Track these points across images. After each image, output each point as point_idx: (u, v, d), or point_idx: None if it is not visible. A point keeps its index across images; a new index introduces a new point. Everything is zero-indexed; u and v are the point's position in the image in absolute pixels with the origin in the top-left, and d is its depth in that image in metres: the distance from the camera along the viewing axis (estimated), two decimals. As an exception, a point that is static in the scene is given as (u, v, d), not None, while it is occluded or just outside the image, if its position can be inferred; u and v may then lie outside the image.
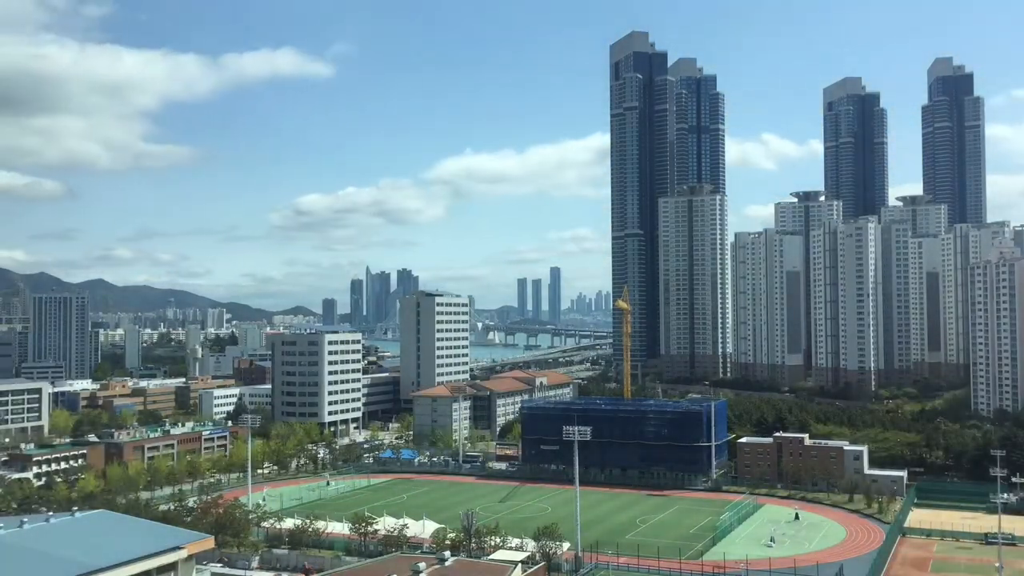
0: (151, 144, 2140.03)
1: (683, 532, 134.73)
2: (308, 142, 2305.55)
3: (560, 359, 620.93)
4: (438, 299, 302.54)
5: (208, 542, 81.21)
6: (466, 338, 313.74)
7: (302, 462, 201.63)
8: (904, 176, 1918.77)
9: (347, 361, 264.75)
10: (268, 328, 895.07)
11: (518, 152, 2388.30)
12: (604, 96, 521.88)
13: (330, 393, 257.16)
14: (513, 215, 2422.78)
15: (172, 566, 72.05)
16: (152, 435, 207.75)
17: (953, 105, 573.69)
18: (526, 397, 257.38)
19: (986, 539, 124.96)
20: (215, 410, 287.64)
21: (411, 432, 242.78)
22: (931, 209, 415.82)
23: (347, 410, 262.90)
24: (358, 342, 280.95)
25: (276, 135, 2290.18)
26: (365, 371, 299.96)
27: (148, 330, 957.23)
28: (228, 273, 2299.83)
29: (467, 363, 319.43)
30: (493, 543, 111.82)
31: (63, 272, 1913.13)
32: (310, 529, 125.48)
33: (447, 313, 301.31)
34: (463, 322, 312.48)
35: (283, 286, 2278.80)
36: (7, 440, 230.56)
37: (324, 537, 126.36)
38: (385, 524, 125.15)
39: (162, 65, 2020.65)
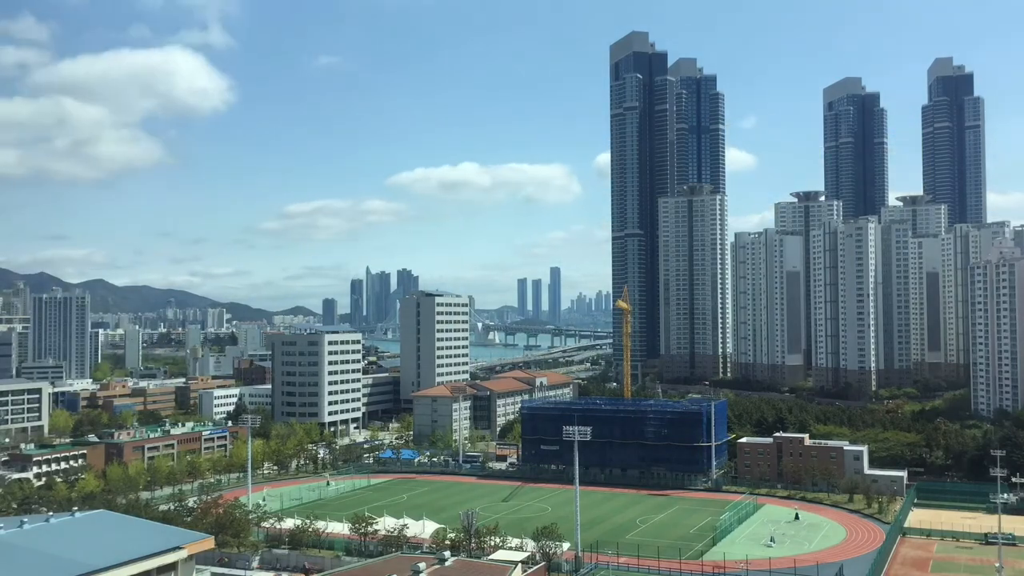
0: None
1: (683, 532, 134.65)
2: (308, 146, 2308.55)
3: (560, 359, 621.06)
4: (438, 299, 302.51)
5: (208, 542, 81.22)
6: (466, 338, 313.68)
7: (302, 462, 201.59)
8: (904, 176, 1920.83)
9: (347, 361, 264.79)
10: (268, 328, 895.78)
11: (518, 152, 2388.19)
12: (604, 96, 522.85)
13: (330, 393, 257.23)
14: (513, 215, 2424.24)
15: (172, 566, 72.12)
16: (152, 435, 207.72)
17: (953, 105, 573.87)
18: (526, 397, 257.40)
19: (986, 539, 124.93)
20: (215, 410, 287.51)
21: (411, 432, 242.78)
22: (931, 209, 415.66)
23: (347, 410, 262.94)
24: (358, 342, 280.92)
25: (277, 139, 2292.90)
26: (365, 371, 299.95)
27: (148, 330, 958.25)
28: (228, 274, 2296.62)
29: (467, 363, 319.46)
30: (493, 543, 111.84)
31: (63, 272, 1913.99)
32: (310, 529, 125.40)
33: (447, 313, 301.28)
34: (463, 322, 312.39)
35: (283, 287, 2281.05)
36: (7, 440, 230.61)
37: (324, 537, 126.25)
38: (385, 524, 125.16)
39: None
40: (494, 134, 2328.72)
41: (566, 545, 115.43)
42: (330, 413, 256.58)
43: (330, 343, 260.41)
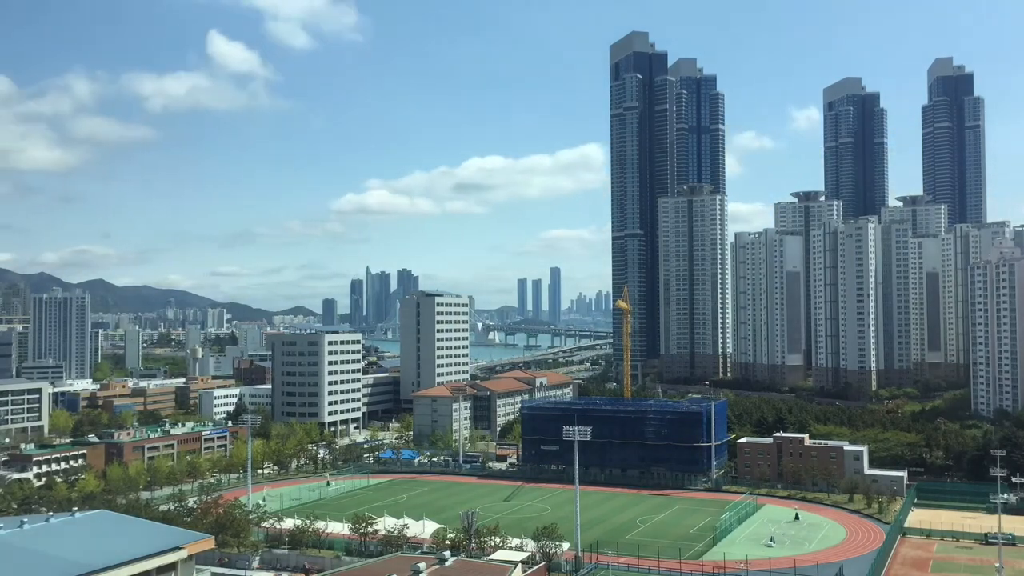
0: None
1: (683, 532, 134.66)
2: (306, 146, 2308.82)
3: (560, 359, 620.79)
4: (438, 299, 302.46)
5: (208, 542, 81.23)
6: (466, 338, 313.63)
7: (302, 462, 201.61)
8: (904, 176, 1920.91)
9: (347, 361, 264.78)
10: (268, 328, 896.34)
11: (518, 152, 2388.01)
12: (604, 96, 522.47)
13: (330, 393, 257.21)
14: (513, 215, 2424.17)
15: (172, 566, 72.14)
16: (152, 435, 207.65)
17: (953, 105, 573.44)
18: (526, 397, 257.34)
19: (986, 539, 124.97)
20: (215, 410, 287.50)
21: (411, 432, 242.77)
22: (931, 209, 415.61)
23: (347, 410, 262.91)
24: (358, 342, 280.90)
25: (274, 139, 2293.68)
26: (365, 371, 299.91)
27: (148, 330, 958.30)
28: (229, 274, 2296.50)
29: (467, 363, 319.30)
30: (493, 543, 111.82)
31: (63, 272, 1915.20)
32: (310, 529, 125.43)
33: (447, 313, 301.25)
34: (463, 322, 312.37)
35: (283, 287, 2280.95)
36: (7, 440, 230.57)
37: (324, 537, 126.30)
38: (385, 524, 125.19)
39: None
40: (492, 134, 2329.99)
41: (566, 545, 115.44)
42: (330, 413, 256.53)
43: (330, 343, 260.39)
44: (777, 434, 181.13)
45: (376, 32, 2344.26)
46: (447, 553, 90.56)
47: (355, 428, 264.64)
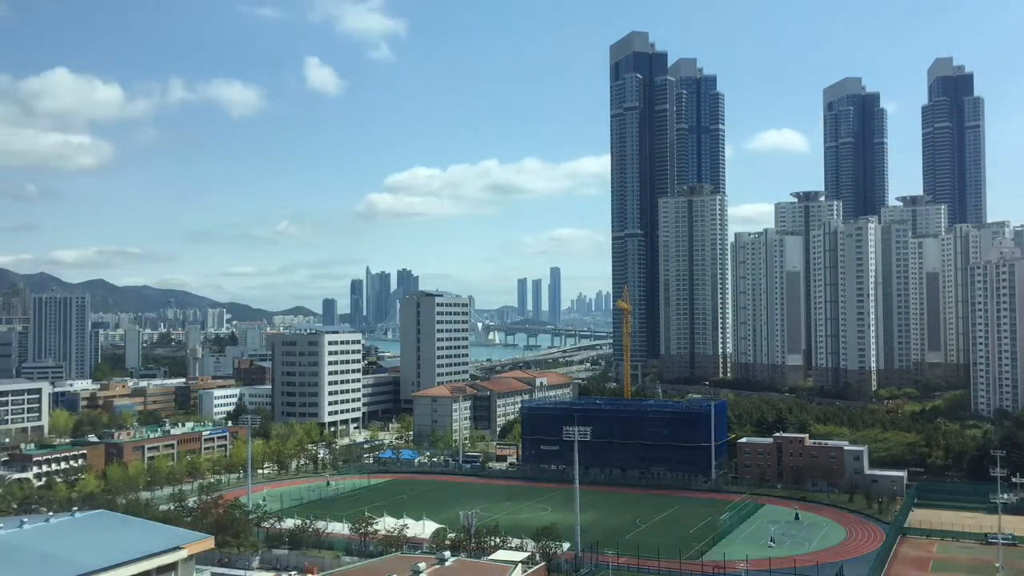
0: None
1: (683, 532, 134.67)
2: (307, 147, 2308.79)
3: (560, 359, 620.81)
4: (438, 299, 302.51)
5: (208, 542, 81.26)
6: (466, 338, 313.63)
7: (302, 462, 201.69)
8: (904, 176, 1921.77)
9: (347, 361, 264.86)
10: (268, 328, 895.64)
11: (517, 152, 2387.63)
12: (604, 97, 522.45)
13: (330, 393, 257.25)
14: (514, 215, 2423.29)
15: (172, 566, 72.17)
16: (152, 435, 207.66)
17: (953, 105, 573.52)
18: (526, 397, 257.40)
19: (986, 539, 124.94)
20: (215, 410, 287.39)
21: (411, 432, 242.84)
22: (931, 209, 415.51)
23: (347, 410, 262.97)
24: (358, 342, 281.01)
25: (272, 138, 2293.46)
26: (365, 371, 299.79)
27: (148, 330, 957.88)
28: (229, 274, 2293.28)
29: (467, 363, 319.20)
30: (493, 543, 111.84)
31: (63, 272, 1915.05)
32: (310, 529, 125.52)
33: (447, 313, 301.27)
34: (463, 322, 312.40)
35: (289, 286, 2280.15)
36: (7, 440, 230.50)
37: (324, 537, 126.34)
38: (385, 524, 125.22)
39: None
40: (491, 134, 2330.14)
41: (566, 545, 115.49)
42: (330, 413, 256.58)
43: (330, 343, 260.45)
44: (777, 434, 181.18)
45: (405, 41, 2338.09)
46: (447, 553, 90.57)
47: (355, 428, 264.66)
